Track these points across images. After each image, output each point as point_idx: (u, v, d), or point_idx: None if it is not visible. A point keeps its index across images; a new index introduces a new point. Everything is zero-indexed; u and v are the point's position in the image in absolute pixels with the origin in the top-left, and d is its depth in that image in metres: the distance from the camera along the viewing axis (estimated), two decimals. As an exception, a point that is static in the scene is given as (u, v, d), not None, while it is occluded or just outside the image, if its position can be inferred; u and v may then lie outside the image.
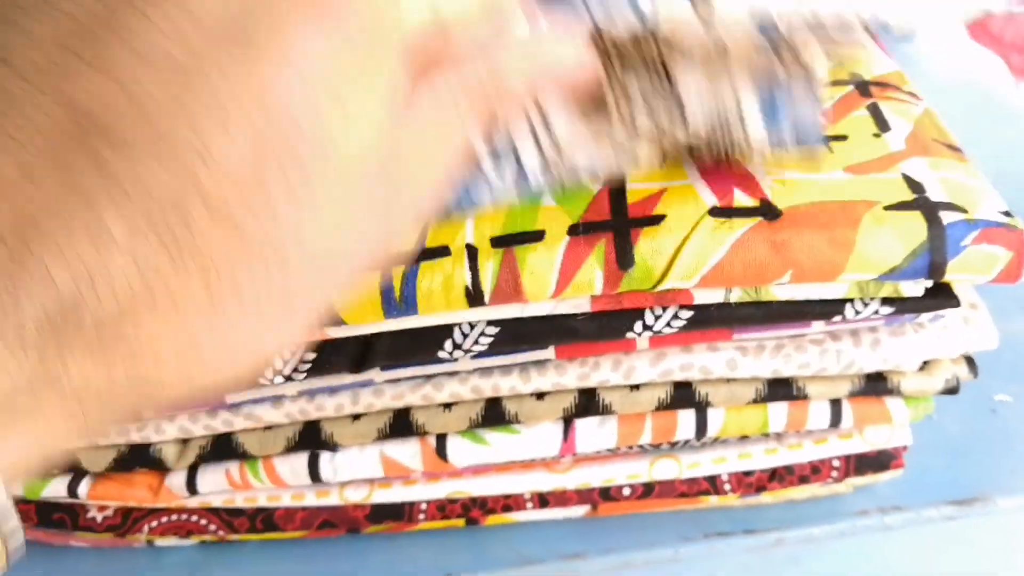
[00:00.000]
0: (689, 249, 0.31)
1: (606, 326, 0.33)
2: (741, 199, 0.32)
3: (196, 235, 0.21)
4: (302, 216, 0.23)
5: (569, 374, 0.36)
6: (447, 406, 0.37)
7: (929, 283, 0.33)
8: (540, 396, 0.37)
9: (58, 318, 0.20)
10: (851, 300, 0.33)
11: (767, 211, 0.31)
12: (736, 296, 0.33)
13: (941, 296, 0.34)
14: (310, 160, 0.22)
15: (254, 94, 0.21)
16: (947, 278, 0.32)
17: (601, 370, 0.36)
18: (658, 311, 0.33)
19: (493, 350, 0.34)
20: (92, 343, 0.21)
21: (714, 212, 0.31)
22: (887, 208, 0.31)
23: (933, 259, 0.31)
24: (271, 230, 0.22)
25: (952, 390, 0.37)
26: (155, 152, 0.20)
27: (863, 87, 0.38)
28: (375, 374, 0.36)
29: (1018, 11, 0.76)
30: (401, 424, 0.37)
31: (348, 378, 0.36)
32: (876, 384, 0.37)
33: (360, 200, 0.25)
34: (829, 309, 0.33)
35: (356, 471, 0.39)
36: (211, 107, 0.21)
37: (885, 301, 0.33)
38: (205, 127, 0.21)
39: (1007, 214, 0.32)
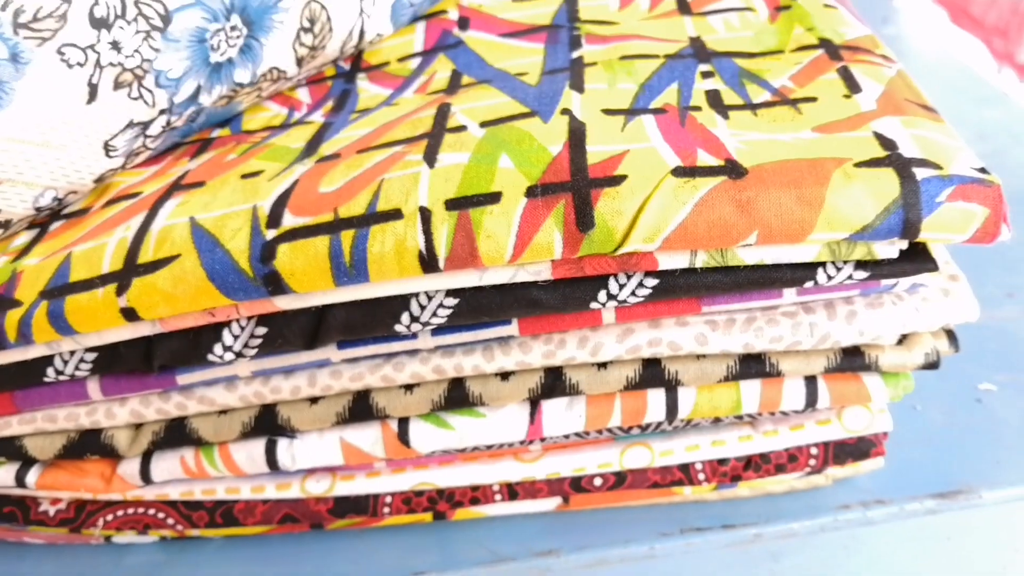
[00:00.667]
0: (651, 209, 0.29)
1: (569, 296, 0.32)
2: (705, 159, 0.31)
3: None
4: None
5: (534, 352, 0.35)
6: (408, 388, 0.36)
7: (904, 244, 0.32)
8: (505, 376, 0.36)
9: None
10: (823, 264, 0.32)
11: (732, 170, 0.30)
12: (702, 261, 0.31)
13: (917, 259, 0.32)
14: None
15: None
16: (922, 237, 0.30)
17: (567, 347, 0.34)
18: (622, 279, 0.32)
19: (453, 323, 0.33)
20: None
21: (677, 172, 0.30)
22: (858, 165, 0.30)
23: (907, 216, 0.29)
24: None
25: (932, 365, 0.36)
26: None
27: (833, 51, 0.37)
28: (332, 352, 0.34)
29: None
30: (361, 407, 0.36)
31: (303, 357, 0.34)
32: (852, 360, 0.35)
33: None
34: (800, 275, 0.32)
35: (315, 459, 0.37)
36: None
37: (859, 265, 0.32)
38: None
39: (983, 170, 0.31)
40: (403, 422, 0.37)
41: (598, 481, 0.40)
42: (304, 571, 0.41)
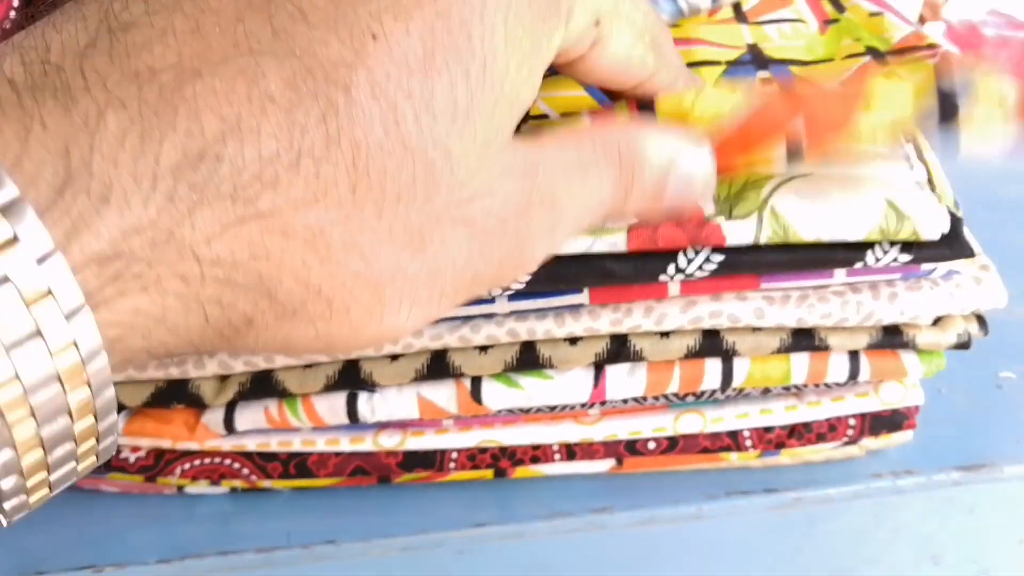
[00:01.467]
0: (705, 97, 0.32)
1: (641, 268, 0.34)
2: None
3: (353, 106, 0.21)
4: (456, 130, 0.23)
5: (602, 319, 0.37)
6: (483, 349, 0.38)
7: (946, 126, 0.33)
8: (573, 342, 0.38)
9: (196, 165, 0.20)
10: (872, 246, 0.34)
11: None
12: (766, 237, 0.34)
13: (955, 244, 0.35)
14: (476, 80, 0.22)
15: (438, 2, 0.22)
16: (961, 117, 0.32)
17: (633, 316, 0.37)
18: (691, 254, 0.34)
19: (530, 290, 0.35)
20: (224, 201, 0.20)
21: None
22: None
23: (943, 93, 0.32)
24: (426, 128, 0.22)
25: (964, 345, 0.39)
26: (332, 25, 0.21)
27: (880, 57, 0.39)
28: None
29: (1011, 36, 0.79)
30: (438, 365, 0.38)
31: None
32: (892, 337, 0.38)
33: (503, 163, 0.25)
34: (852, 255, 0.34)
35: (393, 412, 0.39)
36: (393, 2, 0.21)
37: (904, 248, 0.34)
38: (384, 16, 0.21)
39: None
40: (476, 381, 0.39)
41: (652, 445, 0.42)
42: (371, 522, 0.43)
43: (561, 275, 0.34)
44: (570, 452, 0.43)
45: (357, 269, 0.23)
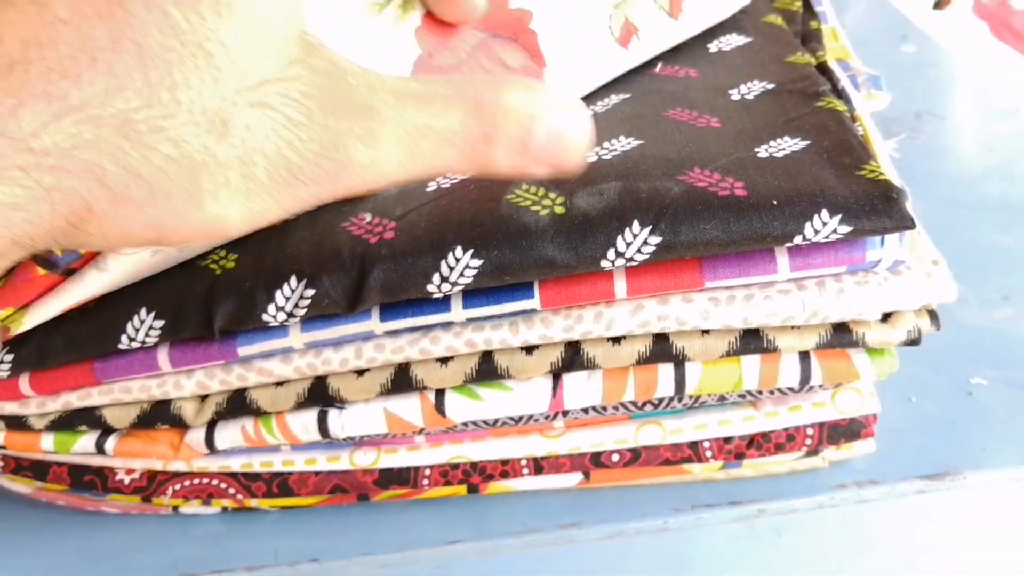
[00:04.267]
0: None
1: (581, 254, 0.34)
2: None
3: (130, 16, 0.24)
4: (224, 24, 0.25)
5: (555, 326, 0.36)
6: (443, 361, 0.38)
7: None
8: (529, 351, 0.37)
9: (8, 75, 0.23)
10: (812, 217, 0.34)
11: None
12: None
13: (895, 213, 0.34)
14: None
15: None
16: None
17: (584, 322, 0.36)
18: (628, 237, 0.34)
19: (479, 284, 0.35)
20: (39, 100, 0.24)
21: None
22: None
23: None
24: (196, 25, 0.25)
25: (914, 341, 0.37)
26: None
27: None
28: (375, 325, 0.36)
29: None
30: (402, 379, 0.38)
31: (351, 329, 0.36)
32: (842, 336, 0.37)
33: (291, 54, 0.27)
34: (790, 228, 0.34)
35: (362, 427, 0.39)
36: None
37: (843, 219, 0.34)
38: None
39: None
40: (439, 394, 0.39)
41: (615, 457, 0.42)
42: (353, 541, 0.43)
43: (507, 266, 0.34)
44: (537, 466, 0.42)
45: (168, 152, 0.25)
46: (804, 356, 0.39)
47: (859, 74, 0.43)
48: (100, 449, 0.41)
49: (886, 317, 0.38)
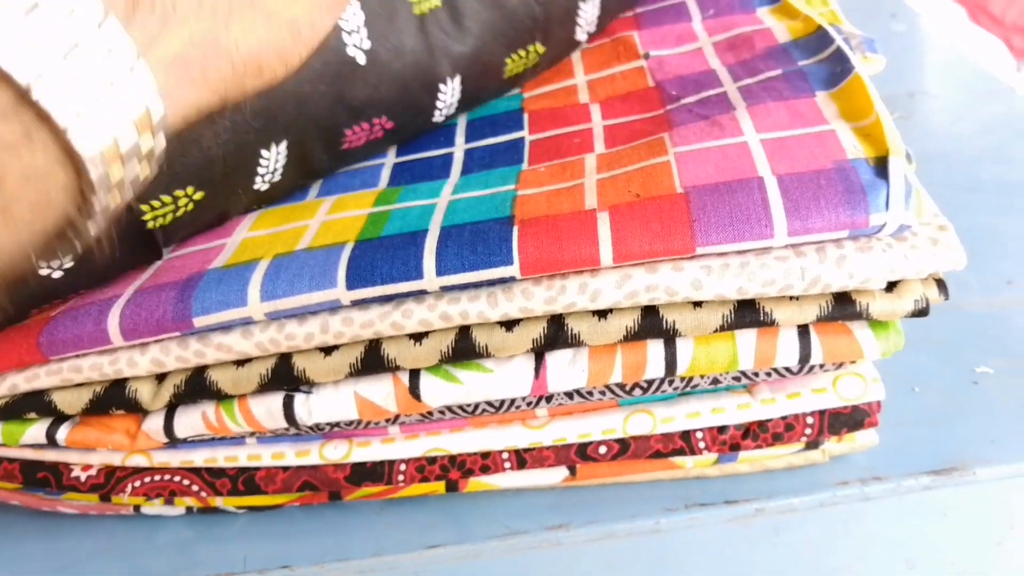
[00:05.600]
0: None
1: None
2: None
3: None
4: None
5: (536, 298, 0.33)
6: (417, 339, 0.35)
7: None
8: (509, 328, 0.34)
9: None
10: None
11: None
12: None
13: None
14: None
15: None
16: None
17: (568, 293, 0.33)
18: None
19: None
20: None
21: None
22: None
23: None
24: None
25: (921, 312, 0.34)
26: None
27: None
28: (341, 294, 0.34)
29: None
30: (373, 358, 0.35)
31: (315, 297, 0.34)
32: (844, 307, 0.34)
33: None
34: None
35: (331, 412, 0.36)
36: None
37: None
38: None
39: None
40: (414, 376, 0.35)
41: (603, 449, 0.38)
42: (326, 545, 0.39)
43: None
44: (520, 460, 0.39)
45: None
46: (803, 332, 0.35)
47: (852, 37, 0.41)
48: (51, 439, 0.37)
49: (891, 287, 0.34)
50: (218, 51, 0.31)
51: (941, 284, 0.34)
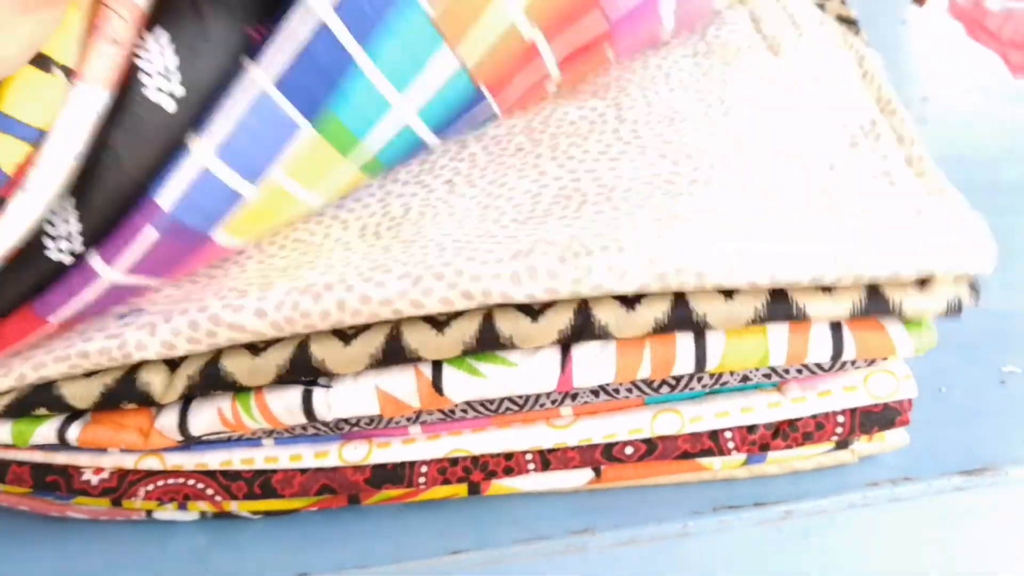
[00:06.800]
0: None
1: None
2: None
3: None
4: None
5: (561, 278, 0.32)
6: (439, 328, 0.33)
7: None
8: (535, 317, 0.33)
9: None
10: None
11: None
12: None
13: None
14: None
15: None
16: None
17: (593, 274, 0.32)
18: None
19: None
20: None
21: None
22: None
23: None
24: None
25: (954, 311, 0.33)
26: None
27: None
28: None
29: (1015, 7, 0.78)
30: (393, 349, 0.33)
31: None
32: (877, 303, 0.33)
33: None
34: None
35: (352, 407, 0.34)
36: None
37: None
38: None
39: None
40: (436, 370, 0.34)
41: (629, 450, 0.37)
42: (347, 553, 0.38)
43: None
44: (544, 461, 0.37)
45: None
46: (836, 327, 0.34)
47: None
48: (63, 439, 0.35)
49: (922, 285, 0.33)
50: None
51: (973, 286, 0.34)
